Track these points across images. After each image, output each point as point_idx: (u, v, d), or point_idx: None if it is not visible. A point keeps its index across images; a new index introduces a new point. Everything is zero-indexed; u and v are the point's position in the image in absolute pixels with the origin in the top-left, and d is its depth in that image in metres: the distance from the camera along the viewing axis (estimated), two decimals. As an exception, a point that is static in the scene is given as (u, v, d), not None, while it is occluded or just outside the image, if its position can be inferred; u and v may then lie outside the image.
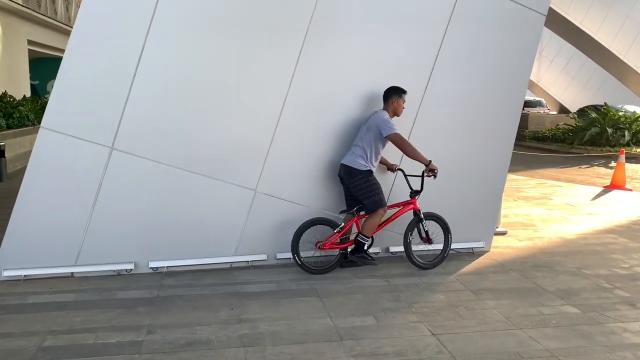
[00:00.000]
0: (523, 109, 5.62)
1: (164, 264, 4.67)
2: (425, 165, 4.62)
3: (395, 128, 4.60)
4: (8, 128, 10.75)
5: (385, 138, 4.61)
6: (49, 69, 17.21)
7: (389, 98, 4.76)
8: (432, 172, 4.63)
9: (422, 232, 4.90)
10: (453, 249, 5.12)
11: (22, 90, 14.88)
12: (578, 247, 5.76)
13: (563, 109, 28.83)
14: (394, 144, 4.64)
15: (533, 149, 16.34)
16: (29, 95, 15.20)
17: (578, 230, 6.47)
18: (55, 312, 3.83)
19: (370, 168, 4.66)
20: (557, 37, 24.35)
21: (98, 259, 4.53)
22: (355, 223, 4.78)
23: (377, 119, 4.65)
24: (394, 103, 4.75)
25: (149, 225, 4.59)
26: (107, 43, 4.30)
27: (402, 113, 4.82)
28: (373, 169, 4.70)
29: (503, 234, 6.14)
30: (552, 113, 26.35)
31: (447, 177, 4.93)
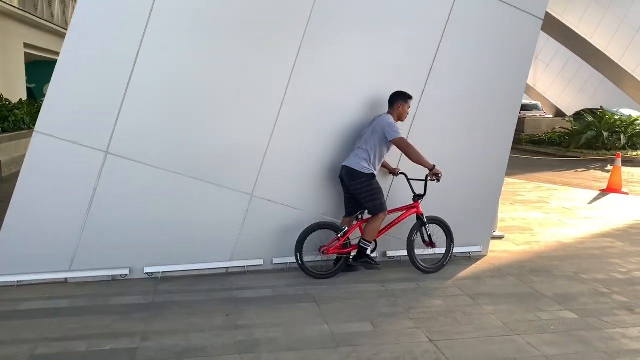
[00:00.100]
0: (519, 113, 5.60)
1: (159, 269, 4.63)
2: (430, 170, 4.63)
3: (401, 132, 4.60)
4: (3, 132, 10.68)
5: (390, 142, 4.61)
6: (46, 72, 17.09)
7: (395, 103, 4.75)
8: (435, 176, 4.64)
9: (425, 236, 4.89)
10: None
11: (18, 94, 14.81)
12: (575, 251, 5.75)
13: (559, 113, 28.88)
14: (399, 148, 4.64)
15: (529, 153, 16.35)
16: (25, 99, 15.13)
17: (575, 234, 6.46)
18: (48, 318, 3.78)
19: (373, 171, 4.65)
20: (553, 40, 24.43)
21: (92, 265, 4.49)
22: (359, 227, 4.75)
23: (382, 123, 4.64)
24: (400, 108, 4.75)
25: (144, 230, 4.55)
26: (102, 47, 4.26)
27: (405, 119, 4.82)
28: (375, 173, 4.68)
29: (500, 238, 6.13)
30: (548, 116, 26.37)
31: (444, 181, 4.89)
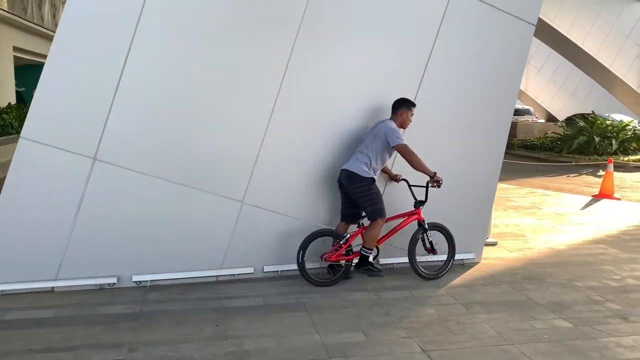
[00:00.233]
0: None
1: (148, 278, 4.55)
2: (430, 177, 4.62)
3: (403, 139, 4.58)
4: (-9, 136, 10.58)
5: (393, 148, 4.59)
6: (35, 76, 16.70)
7: (398, 109, 4.73)
8: (436, 183, 4.64)
9: (426, 242, 4.87)
10: (441, 262, 5.05)
11: (7, 98, 14.66)
12: (568, 257, 5.72)
13: (551, 117, 29.03)
14: (401, 154, 4.62)
15: (522, 158, 16.40)
16: (15, 103, 14.97)
17: (568, 241, 6.44)
18: (34, 329, 3.69)
19: (373, 176, 4.62)
20: (544, 45, 24.57)
21: (79, 273, 4.39)
22: (361, 234, 4.71)
23: (385, 128, 4.62)
24: (403, 115, 4.73)
25: (133, 238, 4.46)
26: (89, 52, 4.19)
27: (407, 126, 4.80)
28: (375, 177, 4.66)
29: (493, 245, 6.09)
30: (540, 121, 26.53)
31: (437, 188, 4.86)
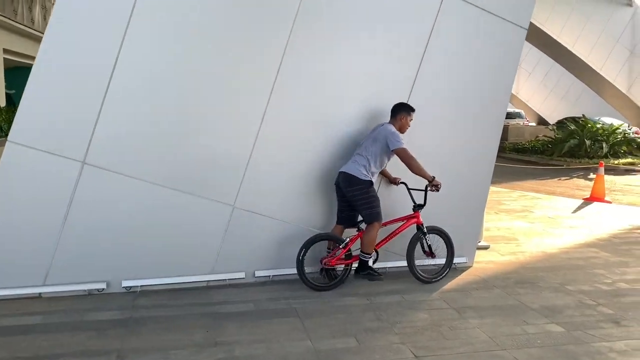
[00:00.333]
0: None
1: (138, 283, 4.49)
2: (429, 182, 4.62)
3: (403, 143, 4.56)
4: (-20, 139, 10.44)
5: (392, 151, 4.58)
6: (26, 78, 16.65)
7: (398, 114, 4.74)
8: (435, 187, 4.64)
9: (425, 246, 4.86)
10: (436, 265, 5.04)
11: (-4, 100, 14.52)
12: (560, 261, 5.73)
13: (542, 121, 29.18)
14: (400, 158, 4.61)
15: (513, 161, 16.47)
16: (4, 105, 14.80)
17: (560, 244, 6.45)
18: (20, 336, 3.62)
19: (371, 179, 4.61)
20: (535, 49, 24.69)
21: (68, 279, 4.33)
22: (360, 238, 4.69)
23: (384, 132, 4.62)
24: (402, 119, 4.73)
25: (122, 243, 4.41)
26: (78, 54, 4.14)
27: (406, 131, 4.79)
28: (373, 180, 4.65)
29: (485, 249, 6.09)
30: (531, 124, 26.66)
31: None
